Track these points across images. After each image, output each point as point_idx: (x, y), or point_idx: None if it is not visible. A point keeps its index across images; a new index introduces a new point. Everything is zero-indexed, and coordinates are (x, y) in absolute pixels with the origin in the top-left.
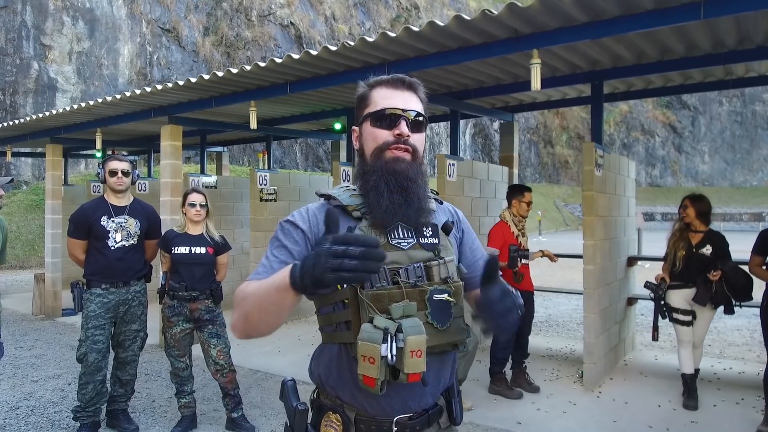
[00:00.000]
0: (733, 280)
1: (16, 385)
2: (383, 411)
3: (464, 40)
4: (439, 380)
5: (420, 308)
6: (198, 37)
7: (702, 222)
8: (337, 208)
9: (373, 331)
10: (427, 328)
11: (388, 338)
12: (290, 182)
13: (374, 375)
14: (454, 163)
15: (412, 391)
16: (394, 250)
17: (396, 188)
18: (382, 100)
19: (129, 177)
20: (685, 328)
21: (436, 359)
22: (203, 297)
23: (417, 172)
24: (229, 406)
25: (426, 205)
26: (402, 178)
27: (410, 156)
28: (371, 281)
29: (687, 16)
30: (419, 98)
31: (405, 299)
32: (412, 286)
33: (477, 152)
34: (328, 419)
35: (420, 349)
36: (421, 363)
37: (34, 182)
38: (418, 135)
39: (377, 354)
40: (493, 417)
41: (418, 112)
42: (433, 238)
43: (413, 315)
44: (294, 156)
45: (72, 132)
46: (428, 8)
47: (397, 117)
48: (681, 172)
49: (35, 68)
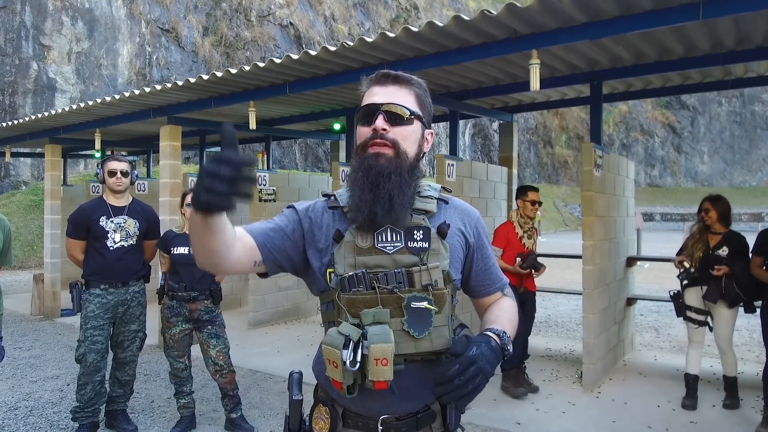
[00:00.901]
0: (741, 279)
1: (14, 386)
2: (365, 410)
3: (463, 41)
4: (423, 387)
5: (396, 315)
6: (197, 37)
7: (722, 224)
8: (336, 208)
9: (336, 336)
10: (403, 336)
11: (350, 345)
12: (289, 182)
13: (338, 379)
14: (453, 163)
15: (386, 395)
16: (379, 254)
17: (366, 185)
18: (367, 98)
19: (128, 177)
20: (698, 329)
21: (418, 367)
22: (202, 297)
23: (395, 167)
24: (228, 406)
25: (404, 203)
26: (373, 174)
27: (391, 151)
28: (348, 285)
29: (686, 17)
30: (410, 91)
31: (379, 305)
32: (389, 293)
33: (476, 152)
34: (319, 411)
35: (385, 357)
36: (387, 371)
37: (33, 182)
38: (400, 128)
39: (338, 359)
40: (492, 417)
41: (397, 104)
42: (423, 242)
43: (385, 322)
44: (293, 156)
45: (71, 132)
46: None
47: (373, 112)
48: (680, 173)
49: (34, 68)
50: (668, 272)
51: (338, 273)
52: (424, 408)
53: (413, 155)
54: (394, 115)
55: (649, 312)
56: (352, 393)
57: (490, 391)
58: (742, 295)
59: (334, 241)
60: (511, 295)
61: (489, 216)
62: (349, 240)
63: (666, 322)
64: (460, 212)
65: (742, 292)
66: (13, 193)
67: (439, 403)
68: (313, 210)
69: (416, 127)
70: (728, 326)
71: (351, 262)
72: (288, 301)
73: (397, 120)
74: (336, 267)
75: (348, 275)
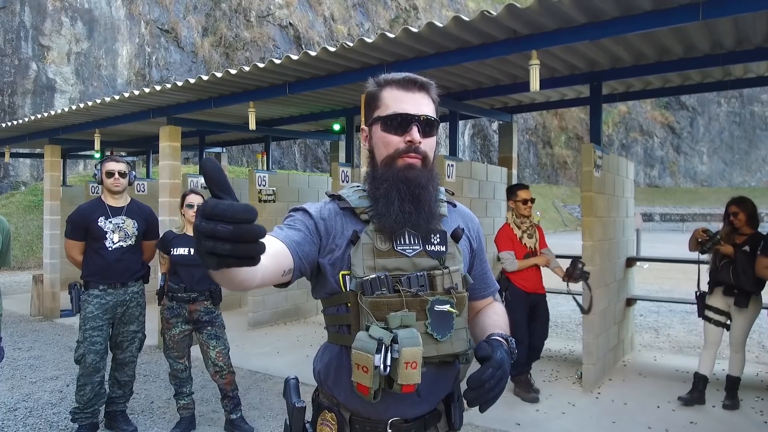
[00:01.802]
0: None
1: (14, 387)
2: (377, 414)
3: (463, 41)
4: (437, 389)
5: (420, 318)
6: (197, 37)
7: (750, 226)
8: (346, 210)
9: (368, 341)
10: (426, 339)
11: (382, 349)
12: (289, 183)
13: (367, 384)
14: (453, 164)
15: (406, 398)
16: (399, 257)
17: (407, 197)
18: (394, 103)
19: (126, 178)
20: (714, 329)
21: (434, 370)
22: (202, 298)
23: (428, 179)
24: (227, 407)
25: (436, 211)
26: (414, 186)
27: (421, 162)
28: (371, 287)
29: (685, 17)
30: (431, 99)
31: (404, 308)
32: (413, 296)
33: (476, 153)
34: (324, 418)
35: (415, 360)
36: (416, 375)
37: (33, 183)
38: (430, 140)
39: (370, 364)
40: (492, 418)
41: (429, 116)
42: (440, 246)
43: (411, 325)
44: (293, 157)
45: (70, 133)
46: (427, 9)
47: (408, 122)
48: (679, 173)
49: (34, 69)
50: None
51: (357, 275)
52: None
53: (433, 163)
54: (427, 127)
55: (649, 312)
56: (377, 398)
57: None
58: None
59: (350, 243)
60: (499, 300)
61: (489, 216)
62: (367, 242)
63: (665, 323)
64: (465, 216)
65: (735, 280)
66: (12, 194)
67: (443, 403)
68: (326, 212)
69: (437, 136)
70: (742, 326)
71: (370, 264)
72: (288, 301)
73: (427, 131)
74: (354, 269)
75: (370, 278)
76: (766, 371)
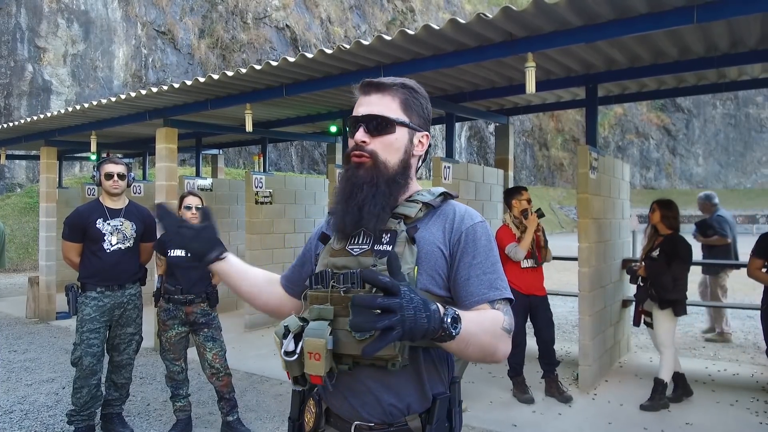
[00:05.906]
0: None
1: (9, 389)
2: (340, 412)
3: (459, 44)
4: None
5: (342, 314)
6: (193, 39)
7: (666, 226)
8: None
9: (280, 326)
10: (348, 336)
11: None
12: (286, 185)
13: (283, 367)
14: (449, 165)
15: (361, 399)
16: (347, 256)
17: (341, 195)
18: (355, 108)
19: (124, 180)
20: (650, 330)
21: (370, 372)
22: (199, 300)
23: (369, 179)
24: (224, 409)
25: (373, 212)
26: (349, 185)
27: (370, 161)
28: (313, 282)
29: (680, 20)
30: (394, 97)
31: (327, 303)
32: (344, 292)
33: (472, 155)
34: (309, 405)
35: (318, 352)
36: (318, 366)
37: (28, 185)
38: (382, 138)
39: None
40: (488, 419)
41: (376, 114)
42: (388, 245)
43: (328, 319)
44: (289, 159)
45: (66, 134)
46: (423, 11)
47: (355, 124)
48: (675, 175)
49: (30, 70)
50: None
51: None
52: (401, 422)
53: (395, 163)
54: (375, 126)
55: None
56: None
57: (486, 392)
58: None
59: (320, 244)
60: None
61: (486, 219)
62: (331, 243)
63: None
64: (446, 219)
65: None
66: (8, 196)
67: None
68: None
69: (401, 134)
70: (663, 327)
71: (325, 262)
72: None
73: (379, 130)
74: (316, 267)
75: (314, 273)
76: (762, 372)
